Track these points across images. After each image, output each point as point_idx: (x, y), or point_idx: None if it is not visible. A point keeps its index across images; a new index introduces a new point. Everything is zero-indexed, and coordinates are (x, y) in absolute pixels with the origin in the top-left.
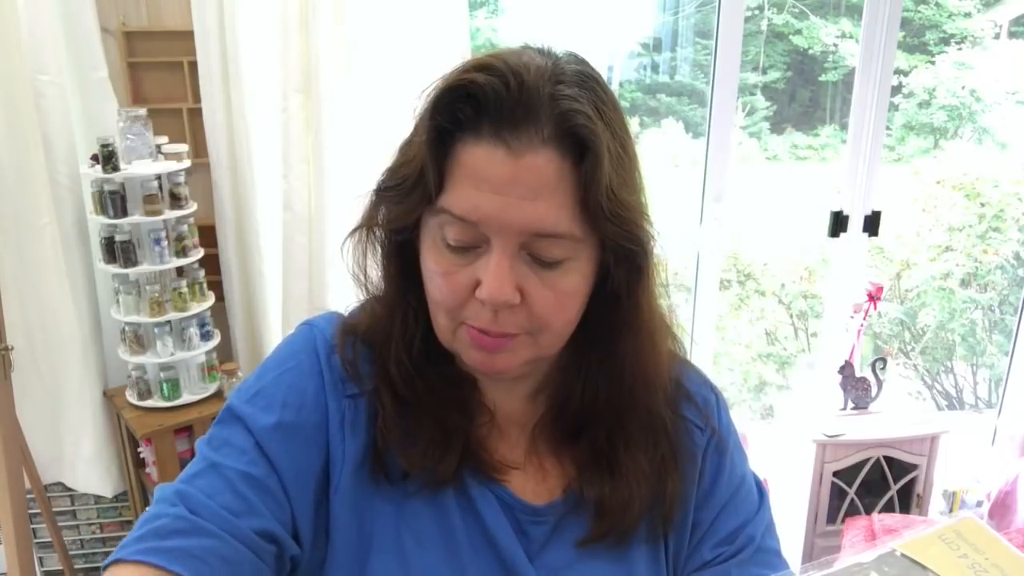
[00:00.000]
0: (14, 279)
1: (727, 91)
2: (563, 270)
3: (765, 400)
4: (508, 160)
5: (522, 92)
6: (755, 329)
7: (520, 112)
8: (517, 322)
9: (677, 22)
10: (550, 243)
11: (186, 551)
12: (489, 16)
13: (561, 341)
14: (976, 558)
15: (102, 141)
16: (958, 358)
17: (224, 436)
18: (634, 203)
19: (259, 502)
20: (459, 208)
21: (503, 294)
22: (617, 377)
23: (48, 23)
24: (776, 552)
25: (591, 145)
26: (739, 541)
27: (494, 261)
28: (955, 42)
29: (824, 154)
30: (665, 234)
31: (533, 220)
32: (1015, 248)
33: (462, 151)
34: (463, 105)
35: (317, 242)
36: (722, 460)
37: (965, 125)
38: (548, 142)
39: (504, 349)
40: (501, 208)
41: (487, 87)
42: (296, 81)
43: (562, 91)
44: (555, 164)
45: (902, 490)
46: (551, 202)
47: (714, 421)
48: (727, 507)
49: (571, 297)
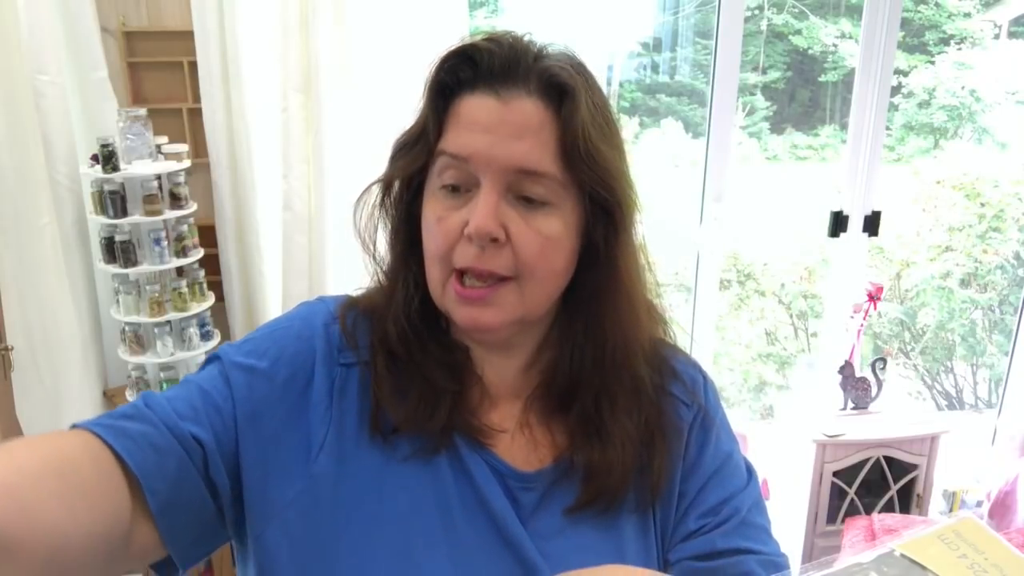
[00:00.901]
0: (14, 279)
1: (727, 91)
2: (546, 213)
3: (765, 400)
4: (497, 105)
5: (512, 52)
6: (755, 329)
7: (510, 69)
8: (502, 263)
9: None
10: (533, 181)
11: (123, 430)
12: (489, 16)
13: (546, 296)
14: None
15: (102, 141)
16: (958, 358)
17: (203, 368)
18: (612, 159)
19: (205, 415)
20: (453, 147)
21: (488, 225)
22: (600, 341)
23: (48, 23)
24: (764, 529)
25: (569, 91)
26: (724, 512)
27: (482, 197)
28: (955, 42)
29: (824, 154)
30: (665, 234)
31: (518, 156)
32: (1015, 248)
33: (459, 104)
34: (463, 66)
35: (317, 242)
36: (708, 435)
37: (965, 125)
38: (533, 93)
39: (489, 301)
40: (490, 145)
41: (483, 49)
42: (296, 81)
43: (547, 54)
44: (539, 111)
45: (902, 490)
46: (534, 142)
47: (700, 398)
48: (712, 479)
49: (553, 243)
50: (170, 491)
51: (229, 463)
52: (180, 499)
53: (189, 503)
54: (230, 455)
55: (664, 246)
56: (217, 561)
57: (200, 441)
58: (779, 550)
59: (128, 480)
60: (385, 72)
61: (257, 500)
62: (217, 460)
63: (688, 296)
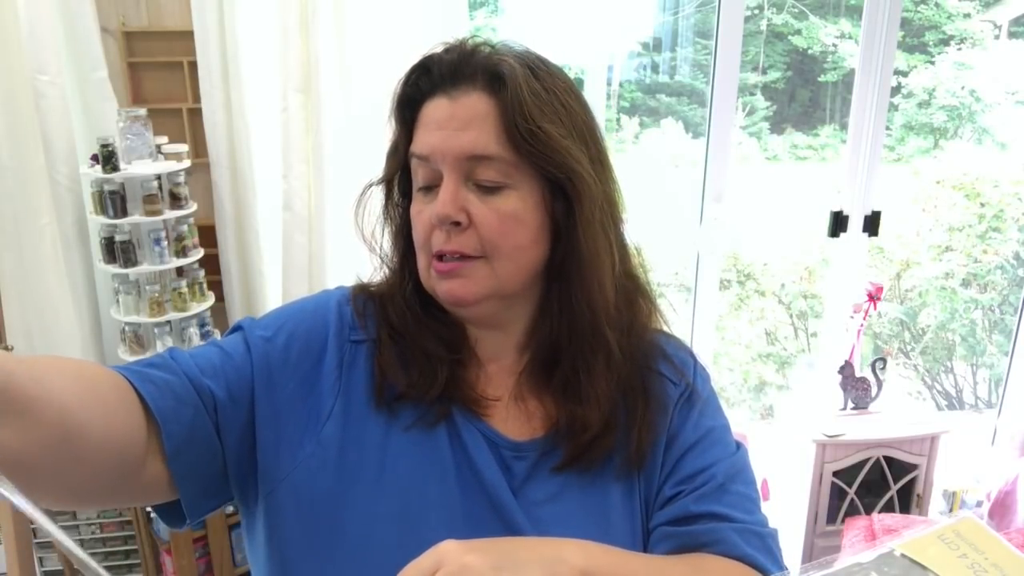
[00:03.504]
0: (14, 279)
1: (727, 91)
2: (504, 195)
3: (765, 400)
4: (448, 104)
5: (460, 55)
6: (755, 329)
7: (458, 70)
8: (468, 243)
9: (677, 22)
10: (486, 166)
11: (147, 376)
12: (489, 16)
13: (516, 270)
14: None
15: (102, 141)
16: (958, 358)
17: (227, 335)
18: (559, 137)
19: (223, 374)
20: (417, 148)
21: (446, 210)
22: (570, 312)
23: (48, 23)
24: (747, 497)
25: (505, 76)
26: (699, 479)
27: (443, 187)
28: (955, 42)
29: (824, 154)
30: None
31: (466, 145)
32: (1015, 248)
33: (423, 111)
34: (422, 76)
35: (317, 242)
36: (691, 410)
37: (965, 125)
38: (479, 87)
39: (460, 274)
40: (442, 139)
41: (436, 58)
42: (296, 81)
43: (495, 52)
44: (484, 101)
45: (902, 490)
46: (480, 129)
47: (689, 377)
48: (692, 450)
49: (513, 220)
50: (185, 437)
51: (242, 421)
52: (193, 446)
53: (201, 452)
54: (244, 414)
55: (664, 246)
56: (217, 559)
57: (215, 396)
58: (764, 521)
59: (147, 419)
60: (385, 72)
61: (270, 460)
62: (230, 416)
63: (688, 296)
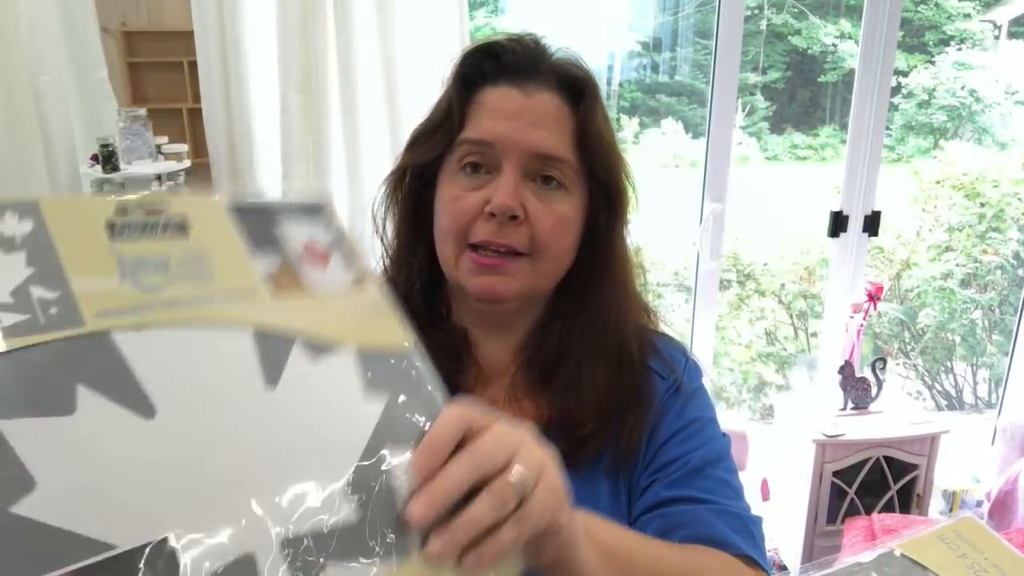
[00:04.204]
0: None
1: (727, 91)
2: (560, 195)
3: (765, 400)
4: (520, 96)
5: (535, 51)
6: (755, 329)
7: (531, 65)
8: (519, 238)
9: (677, 22)
10: (551, 166)
11: None
12: (489, 16)
13: (555, 272)
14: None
15: (102, 141)
16: (958, 358)
17: None
18: (616, 151)
19: None
20: (477, 133)
21: (510, 202)
22: (593, 316)
23: (48, 23)
24: (726, 483)
25: (587, 88)
26: (673, 466)
27: (504, 177)
28: (955, 43)
29: (824, 154)
30: (665, 234)
31: (539, 142)
32: (1015, 248)
33: (482, 95)
34: (486, 60)
35: None
36: (675, 403)
37: (965, 125)
38: (551, 88)
39: (504, 271)
40: (514, 130)
41: (507, 46)
42: (296, 81)
43: (559, 55)
44: (557, 103)
45: (902, 490)
46: (553, 130)
47: (678, 373)
48: (670, 441)
49: (566, 223)
50: None
51: None
52: None
53: None
54: None
55: (664, 246)
56: None
57: None
58: (746, 507)
59: None
60: (385, 72)
61: None
62: None
63: (688, 296)
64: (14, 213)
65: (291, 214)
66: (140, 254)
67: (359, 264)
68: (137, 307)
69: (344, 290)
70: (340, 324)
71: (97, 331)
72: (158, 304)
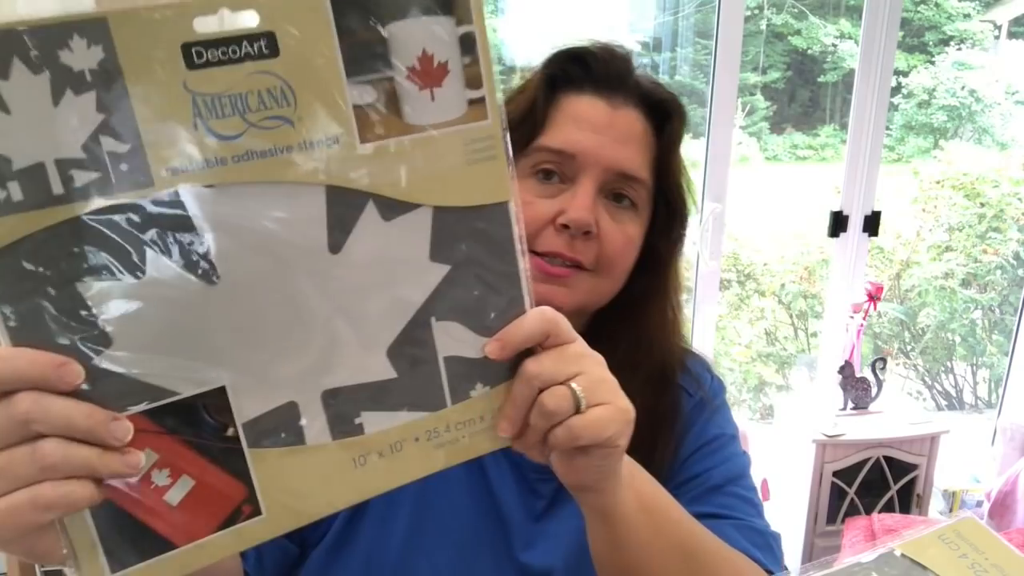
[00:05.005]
0: None
1: (727, 91)
2: (631, 215)
3: (765, 400)
4: (607, 109)
5: (625, 65)
6: (755, 329)
7: (620, 78)
8: (588, 254)
9: (677, 22)
10: (628, 186)
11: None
12: (489, 16)
13: (610, 292)
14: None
15: None
16: (958, 358)
17: None
18: (688, 178)
19: None
20: (558, 142)
21: (587, 217)
22: (638, 338)
23: None
24: (746, 500)
25: (675, 113)
26: (692, 483)
27: (581, 191)
28: (955, 43)
29: (824, 154)
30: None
31: (621, 159)
32: (1015, 248)
33: (565, 101)
34: (574, 65)
35: None
36: (699, 419)
37: (965, 125)
38: (637, 106)
39: (566, 282)
40: (598, 144)
41: (597, 53)
42: None
43: (641, 73)
44: (641, 122)
45: (902, 490)
46: (635, 149)
47: (705, 390)
48: (693, 456)
49: (632, 243)
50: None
51: None
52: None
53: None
54: None
55: None
56: None
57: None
58: (765, 524)
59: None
60: None
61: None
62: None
63: (688, 296)
64: (82, 37)
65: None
66: (217, 89)
67: (480, 83)
68: (208, 162)
69: (452, 119)
70: (427, 175)
71: (167, 191)
72: (231, 158)
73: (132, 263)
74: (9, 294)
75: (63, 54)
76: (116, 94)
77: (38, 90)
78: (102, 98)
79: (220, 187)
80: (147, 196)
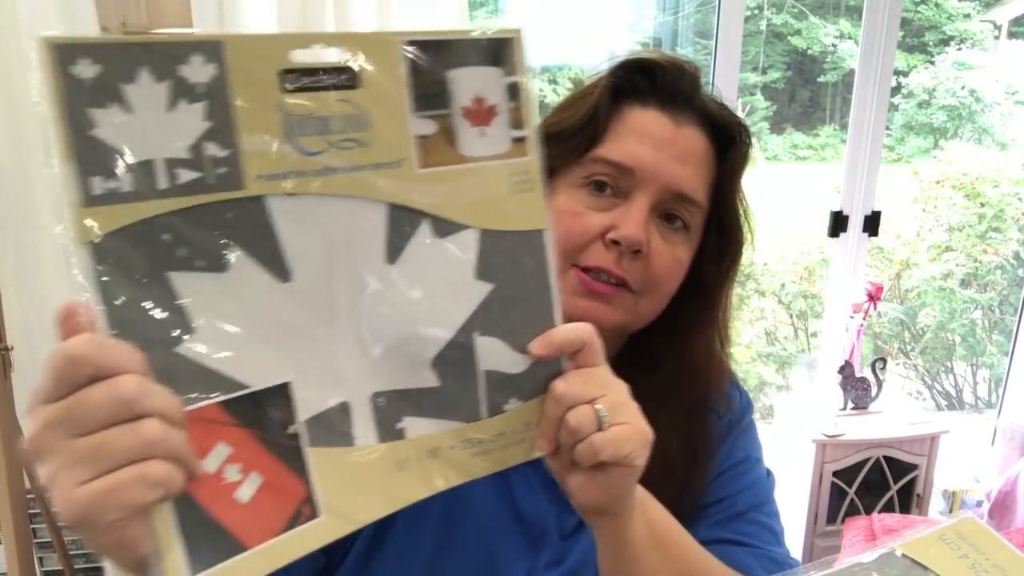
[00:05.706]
0: (14, 279)
1: (727, 91)
2: (682, 238)
3: (765, 400)
4: (671, 126)
5: (692, 82)
6: (755, 329)
7: (687, 95)
8: (633, 273)
9: (677, 22)
10: (683, 207)
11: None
12: (489, 16)
13: (652, 314)
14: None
15: None
16: (958, 358)
17: None
18: (747, 205)
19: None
20: (617, 155)
21: (640, 236)
22: (680, 367)
23: (48, 23)
24: (767, 527)
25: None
26: (715, 508)
27: (636, 207)
28: (955, 43)
29: (824, 154)
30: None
31: (680, 179)
32: (1015, 248)
33: (628, 113)
34: (640, 76)
35: None
36: (727, 438)
37: (965, 125)
38: (701, 126)
39: (610, 300)
40: (658, 161)
41: (666, 67)
42: None
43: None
44: (704, 144)
45: (902, 490)
46: (696, 171)
47: (735, 411)
48: (719, 478)
49: (680, 266)
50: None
51: None
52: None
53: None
54: None
55: None
56: None
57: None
58: (784, 552)
59: None
60: None
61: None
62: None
63: None
64: (200, 55)
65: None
66: (306, 112)
67: (523, 124)
68: (294, 172)
69: (498, 153)
70: (476, 200)
71: (255, 195)
72: (312, 172)
73: (219, 257)
74: (110, 278)
75: (182, 68)
76: (222, 106)
77: (157, 96)
78: (210, 108)
79: (300, 196)
80: (237, 197)
